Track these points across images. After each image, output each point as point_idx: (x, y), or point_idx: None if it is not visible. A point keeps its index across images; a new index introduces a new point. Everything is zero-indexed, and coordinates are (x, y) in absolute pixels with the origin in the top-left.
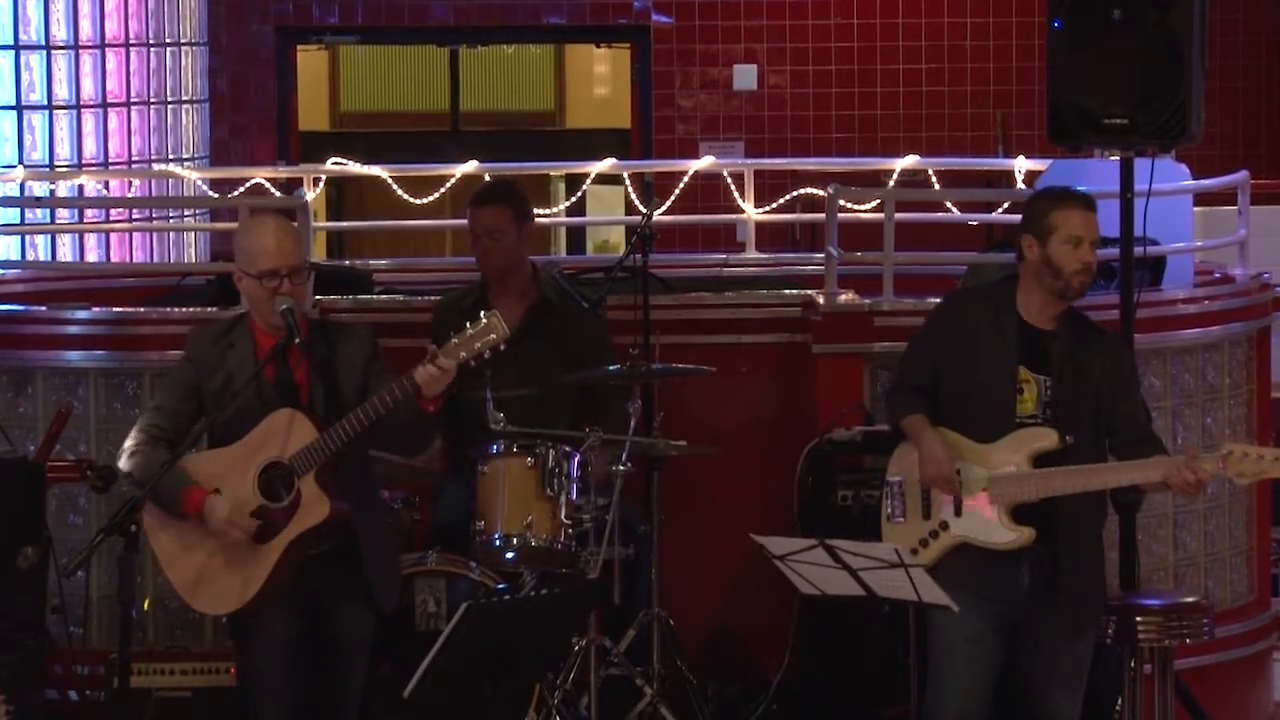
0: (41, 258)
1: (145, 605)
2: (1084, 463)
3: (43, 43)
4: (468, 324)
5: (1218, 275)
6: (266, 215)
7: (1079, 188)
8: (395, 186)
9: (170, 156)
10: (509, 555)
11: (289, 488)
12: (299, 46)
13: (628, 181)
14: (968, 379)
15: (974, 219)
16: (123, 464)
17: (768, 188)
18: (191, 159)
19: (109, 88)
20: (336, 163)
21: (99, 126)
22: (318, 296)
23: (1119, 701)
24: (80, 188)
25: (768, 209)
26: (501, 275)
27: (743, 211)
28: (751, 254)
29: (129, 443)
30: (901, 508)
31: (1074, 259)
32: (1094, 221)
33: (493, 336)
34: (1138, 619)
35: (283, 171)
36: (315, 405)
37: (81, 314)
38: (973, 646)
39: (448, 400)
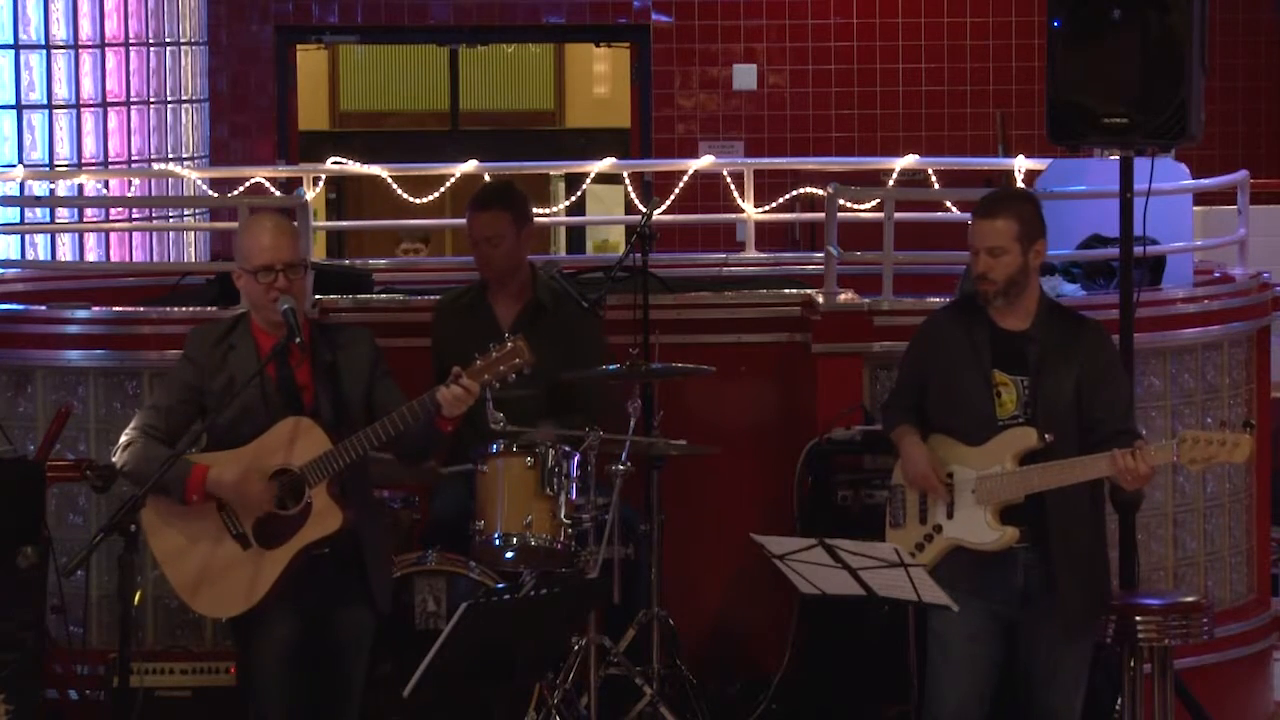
0: (41, 257)
1: (136, 600)
2: (1069, 458)
3: (43, 42)
4: (491, 347)
5: (1217, 275)
6: (264, 213)
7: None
8: (395, 186)
9: (170, 156)
10: (508, 555)
11: (297, 496)
12: (299, 46)
13: (627, 181)
14: (950, 388)
15: None
16: (116, 459)
17: (767, 187)
18: (191, 158)
19: (109, 87)
20: (336, 162)
21: (99, 126)
22: (317, 296)
23: (1119, 701)
24: (80, 187)
25: (767, 209)
26: (501, 278)
27: (742, 211)
28: (751, 254)
29: (122, 439)
30: (901, 513)
31: (974, 268)
32: (986, 230)
33: (517, 361)
34: (1137, 619)
35: (282, 171)
36: (321, 409)
37: (81, 314)
38: (971, 646)
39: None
